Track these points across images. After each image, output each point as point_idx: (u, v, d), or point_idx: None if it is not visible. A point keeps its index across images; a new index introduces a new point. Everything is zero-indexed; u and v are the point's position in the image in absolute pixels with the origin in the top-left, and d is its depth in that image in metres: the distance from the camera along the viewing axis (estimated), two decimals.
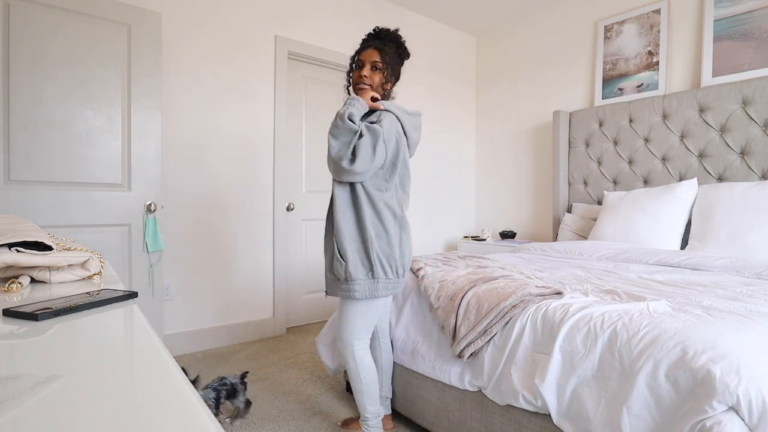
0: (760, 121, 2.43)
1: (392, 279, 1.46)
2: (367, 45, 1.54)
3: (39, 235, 0.84)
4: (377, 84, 1.53)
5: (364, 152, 1.36)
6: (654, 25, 2.96)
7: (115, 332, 0.56)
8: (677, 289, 1.53)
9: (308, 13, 3.13)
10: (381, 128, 1.40)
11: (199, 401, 0.35)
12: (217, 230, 2.77)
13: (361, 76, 1.52)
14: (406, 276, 1.58)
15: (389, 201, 1.46)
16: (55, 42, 2.06)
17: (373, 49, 1.52)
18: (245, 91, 2.85)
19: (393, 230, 1.45)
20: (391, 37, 1.56)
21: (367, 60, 1.52)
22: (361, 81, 1.52)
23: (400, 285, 1.51)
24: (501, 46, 4.04)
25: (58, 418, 0.31)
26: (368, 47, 1.53)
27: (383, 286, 1.44)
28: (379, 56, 1.51)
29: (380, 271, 1.42)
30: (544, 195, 3.70)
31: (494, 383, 1.36)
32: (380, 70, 1.52)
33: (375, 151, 1.37)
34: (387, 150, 1.41)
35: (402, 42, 1.59)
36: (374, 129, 1.39)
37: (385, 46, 1.53)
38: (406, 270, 1.52)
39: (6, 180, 1.99)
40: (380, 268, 1.42)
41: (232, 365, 2.45)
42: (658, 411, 0.99)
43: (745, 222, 2.20)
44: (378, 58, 1.51)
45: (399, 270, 1.47)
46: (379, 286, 1.43)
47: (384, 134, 1.39)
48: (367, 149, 1.37)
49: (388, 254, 1.44)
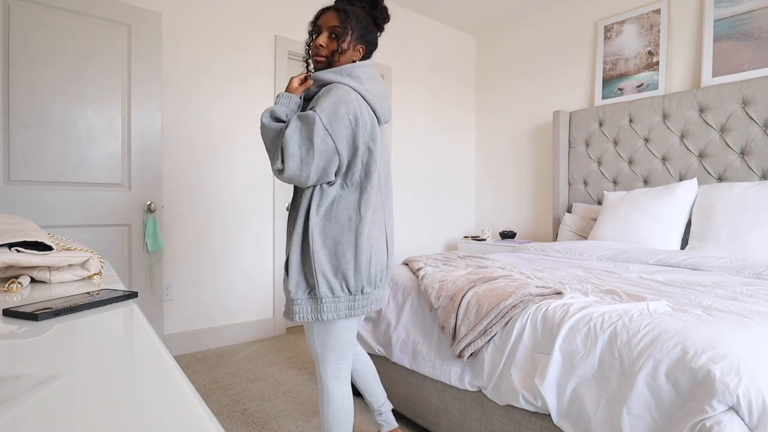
0: (760, 121, 2.43)
1: (342, 297, 1.16)
2: (328, 7, 1.24)
3: (39, 235, 0.84)
4: (330, 54, 1.23)
5: (291, 150, 1.08)
6: (654, 25, 2.96)
7: (115, 332, 0.56)
8: (677, 289, 1.53)
9: (308, 13, 3.13)
10: (317, 112, 1.09)
11: (199, 401, 0.35)
12: (217, 230, 2.77)
13: (317, 46, 1.22)
14: (378, 289, 1.24)
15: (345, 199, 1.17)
16: (55, 42, 2.06)
17: (333, 12, 1.21)
18: (245, 91, 2.85)
19: (347, 237, 1.15)
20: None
21: (324, 25, 1.22)
22: (317, 52, 1.23)
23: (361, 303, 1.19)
24: (501, 46, 4.04)
25: (58, 418, 0.31)
26: (328, 10, 1.23)
27: (328, 308, 1.15)
28: (338, 20, 1.20)
29: (325, 289, 1.14)
30: (544, 195, 3.70)
31: (494, 383, 1.36)
32: (338, 37, 1.21)
33: (312, 146, 1.07)
34: (335, 138, 1.10)
35: (377, 1, 1.28)
36: (306, 117, 1.09)
37: (351, 7, 1.23)
38: (375, 283, 1.21)
39: (6, 180, 1.99)
40: (325, 286, 1.14)
41: (232, 365, 2.45)
42: (658, 411, 0.99)
43: (745, 222, 2.20)
44: (337, 23, 1.20)
45: (352, 286, 1.16)
46: (323, 307, 1.15)
47: (323, 118, 1.08)
48: (294, 146, 1.08)
49: (334, 267, 1.15)
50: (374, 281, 1.20)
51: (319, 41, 1.22)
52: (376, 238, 1.20)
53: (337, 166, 1.14)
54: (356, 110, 1.14)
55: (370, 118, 1.18)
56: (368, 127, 1.17)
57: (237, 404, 1.98)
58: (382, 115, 1.24)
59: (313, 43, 1.24)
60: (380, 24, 1.30)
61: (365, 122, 1.16)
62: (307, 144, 1.08)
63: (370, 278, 1.18)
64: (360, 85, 1.19)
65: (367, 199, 1.17)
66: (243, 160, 2.86)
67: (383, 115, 1.25)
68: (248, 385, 2.18)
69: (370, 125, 1.18)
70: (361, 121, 1.15)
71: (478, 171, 4.28)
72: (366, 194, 1.18)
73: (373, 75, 1.26)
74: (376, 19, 1.28)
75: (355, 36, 1.23)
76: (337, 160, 1.13)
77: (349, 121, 1.12)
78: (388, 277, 1.28)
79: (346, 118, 1.12)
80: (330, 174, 1.14)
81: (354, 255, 1.15)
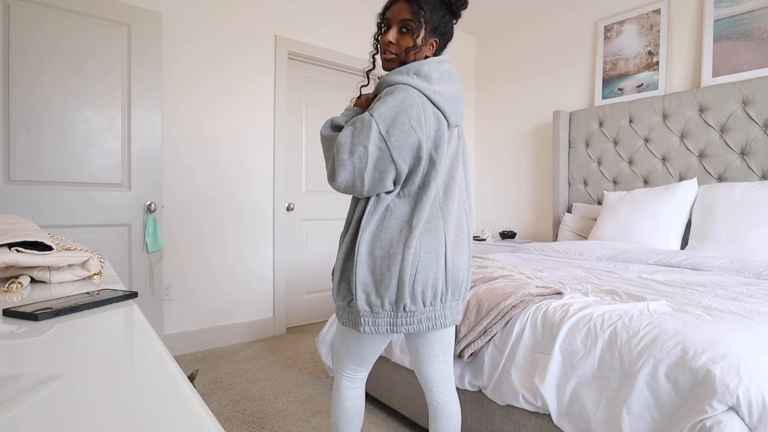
0: (760, 121, 2.43)
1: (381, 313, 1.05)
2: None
3: (39, 235, 0.84)
4: (403, 51, 1.09)
5: (342, 158, 0.99)
6: (654, 25, 2.96)
7: (115, 332, 0.56)
8: (677, 289, 1.53)
9: (308, 13, 3.13)
10: (374, 116, 0.98)
11: (199, 401, 0.35)
12: (217, 230, 2.77)
13: (387, 43, 1.09)
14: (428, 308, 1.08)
15: (399, 209, 1.06)
16: (55, 42, 2.06)
17: (404, 3, 1.07)
18: (245, 91, 2.85)
19: (395, 250, 1.03)
20: None
21: (395, 19, 1.09)
22: (386, 49, 1.10)
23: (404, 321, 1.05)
24: (501, 46, 4.04)
25: (58, 418, 0.31)
26: (398, 0, 1.09)
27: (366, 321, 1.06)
28: (409, 11, 1.06)
29: (363, 303, 1.04)
30: (544, 195, 3.70)
31: (494, 383, 1.36)
32: (410, 32, 1.07)
33: (367, 153, 0.98)
34: (391, 146, 0.98)
35: None
36: (360, 121, 0.99)
37: None
38: (423, 301, 1.05)
39: (6, 180, 1.99)
40: (363, 300, 1.04)
41: (232, 365, 2.45)
42: (658, 411, 0.99)
43: (745, 222, 2.20)
44: (408, 15, 1.06)
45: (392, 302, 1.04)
46: (362, 320, 1.06)
47: (380, 123, 0.98)
48: (345, 153, 0.99)
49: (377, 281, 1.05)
50: (420, 298, 1.05)
51: (388, 37, 1.09)
52: (426, 252, 1.05)
53: (395, 175, 1.02)
54: (420, 116, 1.01)
55: (436, 123, 1.05)
56: (432, 133, 1.04)
57: (237, 404, 1.98)
58: (452, 118, 1.10)
59: (382, 39, 1.11)
60: (457, 12, 1.13)
61: (429, 129, 1.03)
62: (360, 151, 0.98)
63: (414, 295, 1.04)
64: (429, 86, 1.06)
65: (421, 209, 1.05)
66: (243, 159, 2.85)
67: (453, 119, 1.10)
68: (248, 385, 2.18)
69: (435, 131, 1.05)
70: (425, 128, 1.02)
71: (478, 171, 4.27)
72: (421, 204, 1.05)
73: (447, 72, 1.12)
74: (452, 6, 1.11)
75: (430, 28, 1.09)
76: (394, 170, 1.01)
77: (410, 127, 0.99)
78: (453, 293, 1.10)
79: (406, 124, 0.99)
80: (387, 184, 1.03)
81: (399, 269, 1.03)
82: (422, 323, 1.07)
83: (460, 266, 1.10)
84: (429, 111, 1.04)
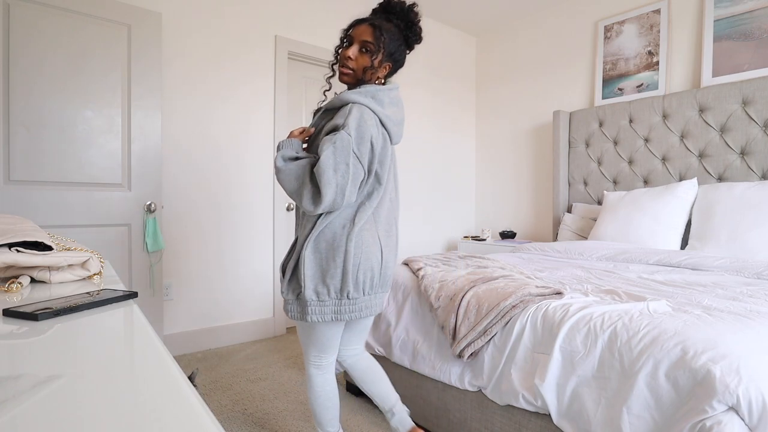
0: (760, 121, 2.43)
1: (327, 301, 1.19)
2: (364, 19, 1.25)
3: (39, 235, 0.84)
4: (359, 69, 1.23)
5: (327, 178, 1.06)
6: (654, 25, 2.96)
7: (115, 332, 0.56)
8: (677, 289, 1.53)
9: (308, 13, 3.13)
10: (350, 134, 1.09)
11: (199, 401, 0.35)
12: (217, 230, 2.77)
13: (346, 57, 1.22)
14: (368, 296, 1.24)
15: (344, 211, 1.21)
16: (56, 42, 2.06)
17: (368, 26, 1.22)
18: (245, 91, 2.85)
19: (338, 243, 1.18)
20: (401, 14, 1.26)
21: (357, 38, 1.23)
22: (346, 63, 1.23)
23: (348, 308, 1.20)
24: (501, 46, 4.04)
25: (58, 418, 0.31)
26: (363, 22, 1.23)
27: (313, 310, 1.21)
28: (371, 35, 1.20)
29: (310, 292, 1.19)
30: (544, 195, 3.70)
31: (494, 383, 1.36)
32: (368, 53, 1.22)
33: (348, 168, 1.08)
34: (362, 160, 1.12)
35: (415, 22, 1.27)
36: (340, 140, 1.08)
37: (387, 24, 1.23)
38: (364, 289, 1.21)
39: (6, 180, 1.99)
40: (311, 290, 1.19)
41: (232, 365, 2.45)
42: (658, 411, 0.99)
43: (745, 222, 2.20)
44: (370, 38, 1.20)
45: (337, 291, 1.19)
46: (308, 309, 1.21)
47: (353, 142, 1.10)
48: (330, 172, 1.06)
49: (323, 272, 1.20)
50: (362, 287, 1.20)
51: (349, 52, 1.22)
52: (366, 245, 1.19)
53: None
54: (373, 134, 1.15)
55: (383, 141, 1.21)
56: (379, 150, 1.19)
57: (237, 404, 1.98)
58: (395, 138, 1.27)
59: (343, 53, 1.24)
60: (411, 44, 1.30)
61: (378, 146, 1.18)
62: (343, 168, 1.08)
63: (357, 283, 1.19)
64: (381, 109, 1.20)
65: (363, 211, 1.21)
66: (243, 159, 2.86)
67: (396, 138, 1.28)
68: (248, 385, 2.18)
69: (381, 149, 1.20)
70: (376, 145, 1.17)
71: (478, 171, 4.27)
72: (363, 207, 1.21)
73: (395, 99, 1.27)
74: (408, 39, 1.28)
75: (387, 53, 1.24)
76: (362, 181, 1.16)
77: (370, 144, 1.15)
78: (382, 285, 1.27)
79: (368, 141, 1.14)
80: (356, 195, 1.15)
81: (343, 260, 1.17)
82: (362, 311, 1.22)
83: (390, 262, 1.28)
84: (380, 130, 1.19)
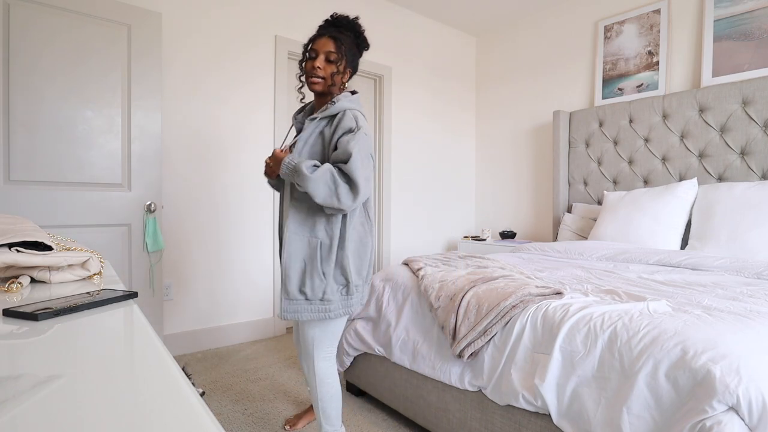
0: (760, 121, 2.43)
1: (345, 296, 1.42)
2: (321, 33, 1.41)
3: (39, 235, 0.84)
4: (329, 76, 1.40)
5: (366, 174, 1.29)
6: (654, 25, 2.96)
7: (115, 332, 0.56)
8: (677, 289, 1.53)
9: (308, 13, 3.13)
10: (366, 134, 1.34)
11: (199, 401, 0.35)
12: (217, 230, 2.77)
13: (314, 68, 1.38)
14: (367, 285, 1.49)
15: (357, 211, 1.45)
16: (55, 42, 2.05)
17: (328, 38, 1.38)
18: (245, 91, 2.85)
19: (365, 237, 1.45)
20: (349, 26, 1.43)
21: (321, 50, 1.38)
22: (313, 73, 1.39)
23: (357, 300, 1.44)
24: (501, 47, 4.04)
25: (58, 418, 0.31)
26: (323, 36, 1.40)
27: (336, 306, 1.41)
28: (333, 46, 1.38)
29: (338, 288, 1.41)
30: (544, 195, 3.70)
31: (494, 383, 1.36)
32: (334, 62, 1.39)
33: (371, 161, 1.34)
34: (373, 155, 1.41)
35: (361, 31, 1.46)
36: (362, 139, 1.31)
37: (342, 35, 1.40)
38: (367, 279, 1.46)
39: (6, 180, 1.99)
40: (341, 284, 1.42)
41: (232, 365, 2.45)
42: (658, 411, 0.99)
43: (745, 222, 2.20)
44: (333, 48, 1.38)
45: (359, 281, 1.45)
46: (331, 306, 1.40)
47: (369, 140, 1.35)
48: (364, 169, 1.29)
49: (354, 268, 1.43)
50: (366, 275, 1.44)
51: (317, 63, 1.38)
52: (373, 236, 1.46)
53: None
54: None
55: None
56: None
57: (237, 404, 1.98)
58: None
59: (311, 64, 1.39)
60: (362, 51, 1.49)
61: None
62: (367, 162, 1.30)
63: (369, 272, 1.45)
64: (363, 112, 1.43)
65: (369, 205, 1.45)
66: (243, 159, 2.85)
67: None
68: (248, 385, 2.18)
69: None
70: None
71: (478, 171, 4.28)
72: (368, 202, 1.44)
73: None
74: (359, 45, 1.47)
75: (348, 61, 1.42)
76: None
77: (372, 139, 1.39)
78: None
79: (372, 140, 1.38)
80: None
81: (369, 253, 1.44)
82: (364, 297, 1.46)
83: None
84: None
